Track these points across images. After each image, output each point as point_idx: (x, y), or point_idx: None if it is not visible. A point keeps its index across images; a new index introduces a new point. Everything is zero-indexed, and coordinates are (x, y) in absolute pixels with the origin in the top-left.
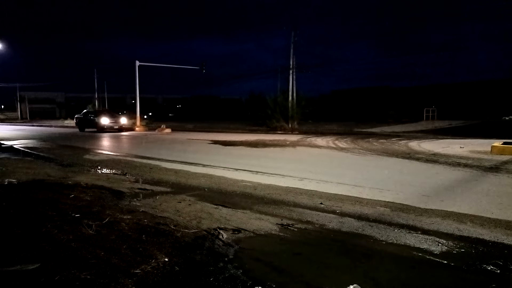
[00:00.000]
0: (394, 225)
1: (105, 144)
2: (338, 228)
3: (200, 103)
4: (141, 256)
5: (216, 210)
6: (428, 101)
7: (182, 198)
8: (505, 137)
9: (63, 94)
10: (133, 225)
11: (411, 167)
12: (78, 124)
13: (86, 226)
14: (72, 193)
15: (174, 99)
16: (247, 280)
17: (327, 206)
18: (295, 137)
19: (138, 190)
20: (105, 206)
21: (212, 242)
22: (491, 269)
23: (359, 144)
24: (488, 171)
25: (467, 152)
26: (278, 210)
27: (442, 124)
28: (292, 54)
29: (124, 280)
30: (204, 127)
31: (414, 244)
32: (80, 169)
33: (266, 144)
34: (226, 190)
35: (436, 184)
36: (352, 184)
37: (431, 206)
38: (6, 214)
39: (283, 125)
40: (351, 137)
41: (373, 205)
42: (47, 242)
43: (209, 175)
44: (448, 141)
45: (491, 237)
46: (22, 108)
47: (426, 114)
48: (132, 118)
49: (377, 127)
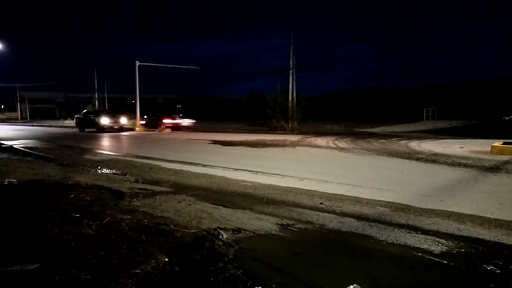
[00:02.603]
0: (394, 225)
1: (105, 144)
2: (338, 228)
3: (200, 103)
4: (141, 256)
5: (216, 210)
6: (428, 101)
7: (182, 198)
8: (505, 137)
9: (63, 94)
10: (133, 225)
11: (411, 167)
12: (78, 124)
13: (86, 226)
14: (72, 193)
15: (174, 99)
16: (247, 280)
17: (327, 206)
18: (295, 137)
19: (138, 190)
20: (105, 206)
21: (212, 242)
22: (491, 269)
23: (359, 144)
24: (488, 171)
25: (467, 152)
26: (278, 210)
27: (442, 124)
28: (292, 54)
29: (124, 280)
30: (204, 127)
31: (414, 244)
32: (80, 169)
33: (266, 144)
34: (226, 190)
35: (436, 184)
36: (352, 184)
37: (431, 206)
38: (6, 214)
39: (283, 125)
40: (351, 137)
41: (373, 205)
42: (47, 242)
43: (209, 175)
44: (448, 141)
45: (491, 237)
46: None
47: (426, 114)
48: (132, 118)
49: (377, 127)
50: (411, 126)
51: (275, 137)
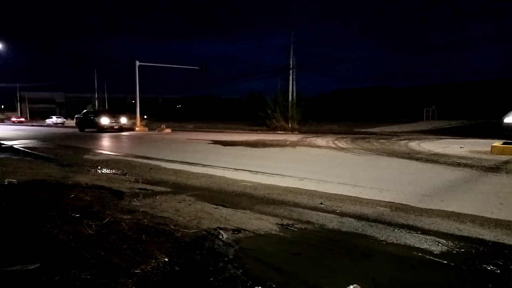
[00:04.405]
0: (394, 225)
1: (105, 144)
2: (338, 228)
3: (200, 103)
4: (141, 256)
5: (216, 210)
6: (428, 101)
7: (182, 198)
8: (505, 137)
9: (63, 94)
10: (133, 225)
11: (411, 167)
12: (78, 124)
13: (86, 226)
14: (72, 193)
15: (174, 99)
16: (247, 280)
17: (327, 206)
18: (295, 137)
19: (138, 190)
20: (105, 206)
21: (212, 242)
22: (491, 269)
23: (359, 144)
24: (488, 171)
25: (467, 152)
26: (278, 210)
27: (442, 124)
28: (292, 54)
29: (124, 280)
30: (204, 127)
31: (414, 244)
32: (80, 169)
33: (266, 144)
34: (226, 190)
35: (436, 184)
36: (352, 184)
37: (431, 206)
38: (6, 214)
39: (283, 125)
40: (351, 137)
41: (373, 205)
42: (47, 242)
43: (209, 175)
44: (448, 141)
45: (491, 237)
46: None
47: (426, 114)
48: (132, 118)
49: (377, 127)
50: (411, 126)
51: (275, 137)
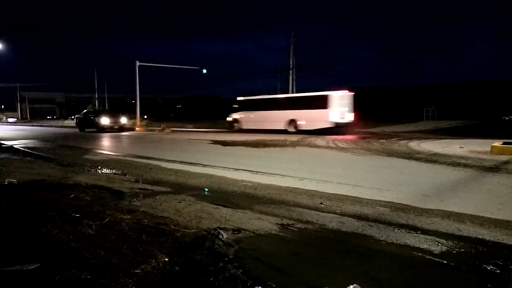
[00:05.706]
0: (394, 225)
1: (105, 144)
2: (338, 228)
3: (200, 103)
4: (141, 256)
5: (216, 210)
6: (428, 101)
7: (182, 198)
8: (505, 137)
9: (63, 94)
10: (133, 225)
11: (411, 167)
12: (78, 124)
13: (86, 226)
14: (72, 193)
15: (174, 99)
16: (247, 280)
17: (327, 206)
18: (295, 137)
19: (138, 190)
20: (105, 206)
21: (212, 242)
22: (491, 269)
23: (359, 144)
24: (488, 171)
25: (467, 152)
26: (278, 210)
27: (442, 124)
28: (292, 54)
29: (125, 280)
30: (204, 127)
31: (414, 244)
32: (80, 169)
33: (266, 144)
34: (226, 190)
35: (436, 184)
36: (352, 184)
37: (431, 206)
38: (6, 214)
39: None
40: (351, 137)
41: (373, 205)
42: (47, 242)
43: (209, 175)
44: (448, 141)
45: (491, 237)
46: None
47: (426, 114)
48: (132, 118)
49: (377, 127)
50: (411, 126)
51: (275, 137)
